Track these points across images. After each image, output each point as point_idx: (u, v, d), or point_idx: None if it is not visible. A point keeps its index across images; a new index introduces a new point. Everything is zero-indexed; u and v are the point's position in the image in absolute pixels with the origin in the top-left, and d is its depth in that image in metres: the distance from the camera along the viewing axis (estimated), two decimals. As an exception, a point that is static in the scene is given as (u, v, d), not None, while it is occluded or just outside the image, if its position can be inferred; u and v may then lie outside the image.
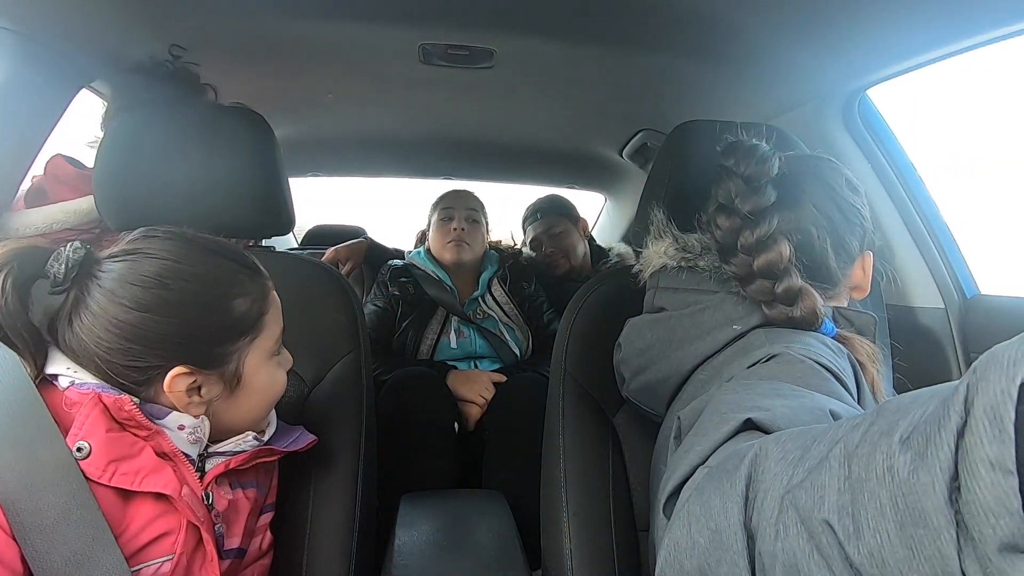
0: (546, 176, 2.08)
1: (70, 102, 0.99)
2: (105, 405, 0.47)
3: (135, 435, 0.48)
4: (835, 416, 0.39)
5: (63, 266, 0.48)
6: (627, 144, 1.62)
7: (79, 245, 0.49)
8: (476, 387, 1.23)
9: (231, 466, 0.54)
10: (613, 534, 0.65)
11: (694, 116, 0.77)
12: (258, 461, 0.57)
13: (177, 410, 0.51)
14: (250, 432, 0.57)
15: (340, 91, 1.30)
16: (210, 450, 0.54)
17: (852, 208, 0.59)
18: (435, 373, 1.24)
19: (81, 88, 1.01)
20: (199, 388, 0.51)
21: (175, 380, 0.49)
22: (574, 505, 0.66)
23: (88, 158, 1.01)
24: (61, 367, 0.49)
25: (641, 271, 0.66)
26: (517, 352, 1.38)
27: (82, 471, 0.45)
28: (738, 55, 0.97)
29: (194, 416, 0.51)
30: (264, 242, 0.88)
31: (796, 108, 1.12)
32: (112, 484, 0.46)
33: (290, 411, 0.73)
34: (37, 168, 0.94)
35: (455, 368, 1.31)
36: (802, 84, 1.04)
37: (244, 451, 0.56)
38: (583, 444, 0.69)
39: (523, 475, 1.07)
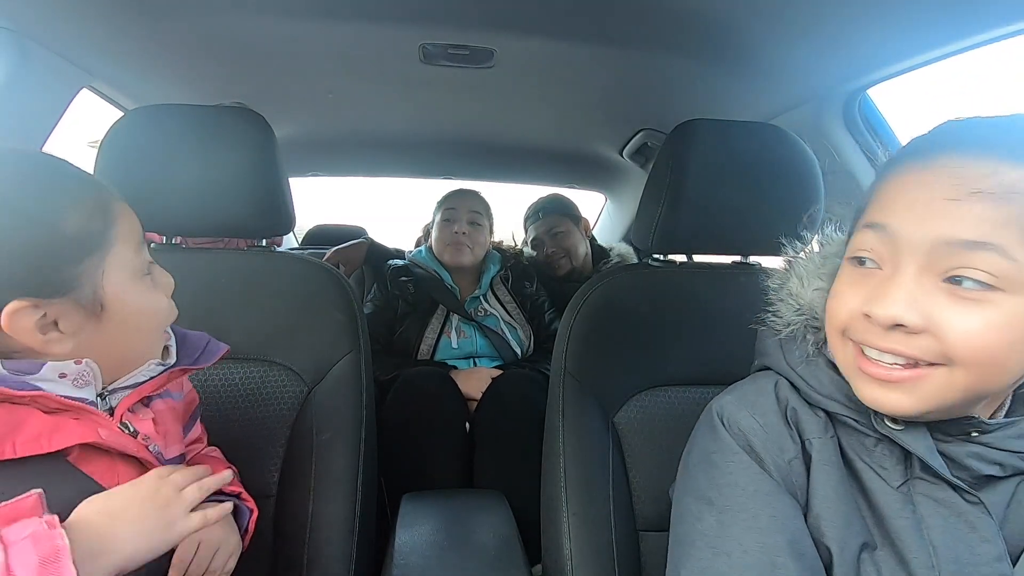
0: (546, 176, 2.07)
1: (70, 102, 0.99)
2: None
3: (13, 404, 0.43)
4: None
5: None
6: (627, 144, 1.62)
7: None
8: (480, 384, 1.23)
9: (145, 394, 0.52)
10: (613, 534, 0.65)
11: (694, 115, 0.77)
12: (173, 381, 0.55)
13: (40, 354, 0.45)
14: (152, 360, 0.52)
15: (340, 91, 1.30)
16: (112, 387, 0.50)
17: None
18: (447, 373, 1.24)
19: (81, 88, 1.01)
20: (55, 322, 0.45)
21: (14, 317, 0.42)
22: (574, 505, 0.66)
23: (88, 158, 1.01)
24: None
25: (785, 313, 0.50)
26: (518, 351, 1.38)
27: None
28: (738, 54, 0.97)
29: (63, 353, 0.46)
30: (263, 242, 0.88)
31: (797, 107, 1.11)
32: (21, 455, 0.42)
33: (290, 411, 0.73)
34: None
35: (455, 368, 1.31)
36: (802, 83, 1.04)
37: (152, 378, 0.53)
38: (583, 444, 0.69)
39: (512, 470, 1.07)
